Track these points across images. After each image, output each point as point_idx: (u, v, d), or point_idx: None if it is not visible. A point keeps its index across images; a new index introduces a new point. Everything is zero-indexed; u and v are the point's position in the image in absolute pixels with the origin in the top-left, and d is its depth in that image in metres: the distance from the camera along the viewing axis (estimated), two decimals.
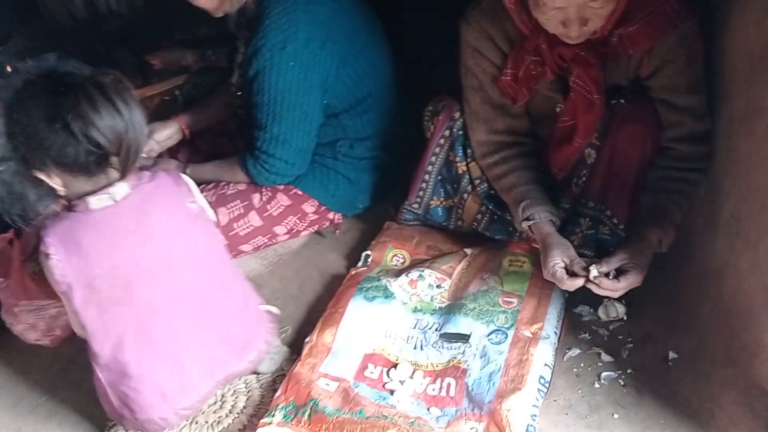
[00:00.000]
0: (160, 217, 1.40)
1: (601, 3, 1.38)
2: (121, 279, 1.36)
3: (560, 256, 1.53)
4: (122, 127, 1.28)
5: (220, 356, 1.47)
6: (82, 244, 1.34)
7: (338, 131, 1.90)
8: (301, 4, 1.71)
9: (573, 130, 1.63)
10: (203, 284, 1.46)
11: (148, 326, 1.39)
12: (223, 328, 1.47)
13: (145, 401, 1.40)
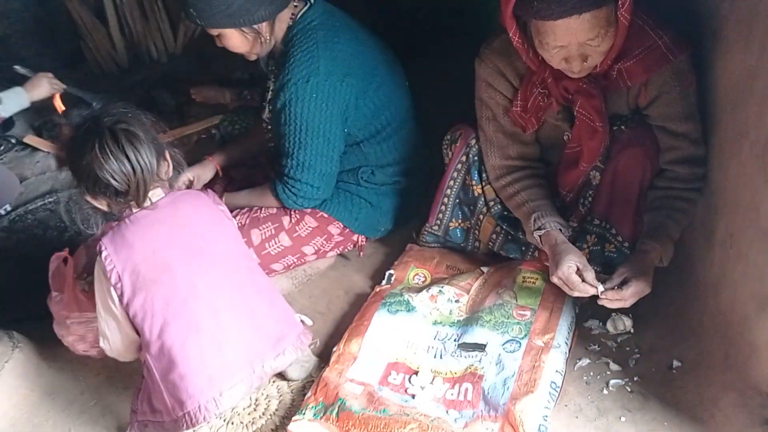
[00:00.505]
0: (189, 210, 1.63)
1: (599, 41, 1.53)
2: (160, 261, 1.55)
3: (573, 259, 1.66)
4: (129, 169, 1.51)
5: (255, 346, 1.60)
6: (127, 238, 1.56)
7: (360, 158, 2.06)
8: (323, 42, 1.89)
9: (579, 155, 1.77)
10: (235, 273, 1.64)
11: (189, 306, 1.55)
12: (257, 319, 1.62)
13: (191, 386, 1.52)
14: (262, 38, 1.90)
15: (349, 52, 1.92)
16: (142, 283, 1.54)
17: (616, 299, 1.62)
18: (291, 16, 1.93)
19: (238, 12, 1.82)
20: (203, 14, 1.83)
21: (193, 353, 1.53)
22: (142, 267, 1.55)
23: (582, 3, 1.47)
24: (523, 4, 1.52)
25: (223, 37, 1.90)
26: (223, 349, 1.56)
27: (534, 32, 1.58)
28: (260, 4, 1.83)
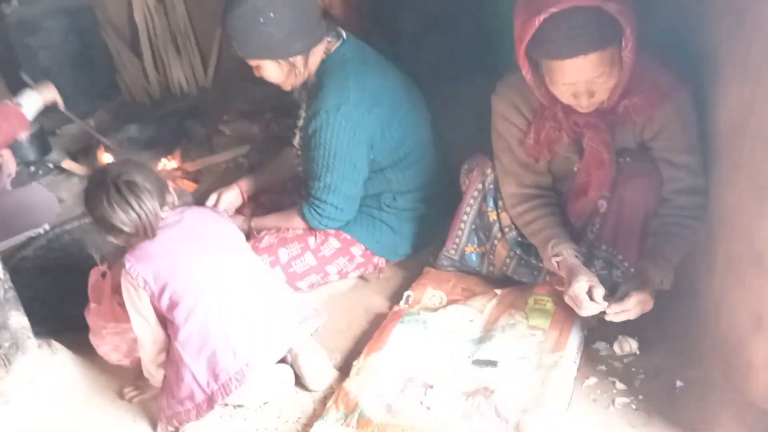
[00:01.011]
0: (195, 219, 1.89)
1: (605, 78, 1.67)
2: (176, 259, 1.80)
3: (585, 279, 1.77)
4: (135, 216, 1.75)
5: (277, 318, 1.83)
6: (145, 250, 1.81)
7: (384, 184, 2.20)
8: (354, 74, 2.05)
9: (588, 184, 1.90)
10: (244, 262, 1.90)
11: (209, 292, 1.78)
12: (274, 296, 1.88)
13: (222, 360, 1.74)
14: (297, 70, 2.07)
15: (377, 85, 2.08)
16: (165, 279, 1.78)
17: (621, 311, 1.73)
18: (325, 50, 2.10)
19: (275, 46, 1.99)
20: (244, 46, 2.00)
21: (218, 332, 1.75)
22: (162, 267, 1.79)
23: (588, 45, 1.60)
24: (535, 45, 1.66)
25: (261, 68, 2.07)
26: (244, 326, 1.77)
27: (545, 70, 1.72)
28: (296, 39, 2.00)
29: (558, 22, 1.60)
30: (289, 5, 1.97)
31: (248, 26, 1.96)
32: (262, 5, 1.94)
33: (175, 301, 1.78)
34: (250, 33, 1.97)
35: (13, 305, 1.89)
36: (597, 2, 1.58)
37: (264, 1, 1.94)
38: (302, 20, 2.01)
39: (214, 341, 1.77)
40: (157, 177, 1.85)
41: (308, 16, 2.03)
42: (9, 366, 1.89)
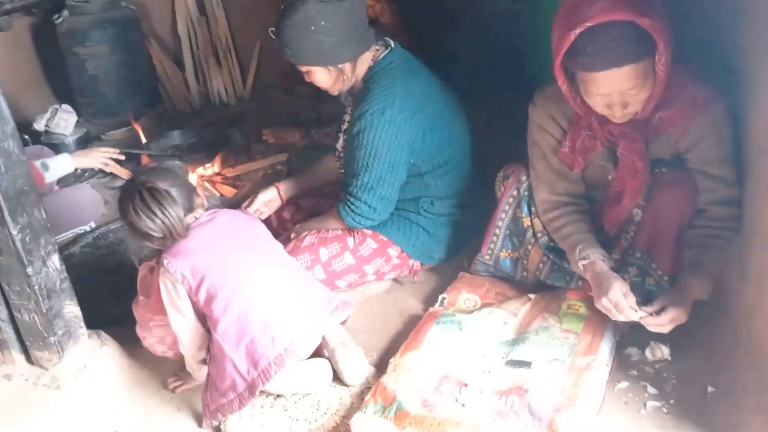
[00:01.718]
0: (227, 218, 1.99)
1: (638, 90, 1.72)
2: (212, 254, 1.89)
3: (619, 286, 1.82)
4: (159, 223, 1.85)
5: (309, 307, 1.93)
6: (181, 246, 1.90)
7: (422, 189, 2.27)
8: (400, 81, 2.15)
9: (622, 193, 1.95)
10: (276, 255, 2.03)
11: (244, 283, 1.88)
12: (306, 286, 1.99)
13: (261, 347, 1.82)
14: (345, 76, 2.17)
15: (421, 92, 2.17)
16: (202, 273, 1.86)
17: (655, 324, 1.77)
18: (373, 58, 2.20)
19: (326, 53, 2.09)
20: (296, 54, 2.11)
21: (255, 320, 1.84)
22: (199, 261, 1.88)
23: (622, 57, 1.66)
24: (571, 58, 1.72)
25: (311, 73, 2.17)
26: (280, 314, 1.88)
27: (580, 82, 1.78)
28: (345, 47, 2.10)
29: (593, 35, 1.66)
30: (339, 15, 2.06)
31: (300, 34, 2.06)
32: (313, 15, 2.04)
33: (212, 293, 1.86)
34: (303, 41, 2.07)
35: (67, 295, 1.98)
36: (632, 17, 1.64)
37: (316, 11, 2.04)
38: (351, 29, 2.10)
39: (252, 329, 1.84)
40: (183, 182, 1.95)
41: (357, 25, 2.13)
42: (62, 353, 1.99)
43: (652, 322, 1.79)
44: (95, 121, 3.76)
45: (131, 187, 1.89)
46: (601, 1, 1.67)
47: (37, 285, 1.87)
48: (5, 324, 1.96)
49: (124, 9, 3.76)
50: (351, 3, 2.08)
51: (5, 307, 1.94)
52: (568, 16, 1.72)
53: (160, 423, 1.96)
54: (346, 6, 2.07)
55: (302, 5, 2.05)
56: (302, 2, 2.05)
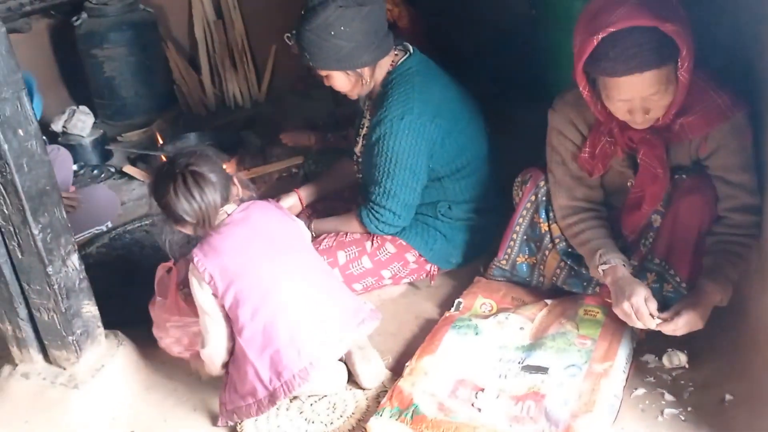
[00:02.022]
0: (260, 215, 1.93)
1: (659, 96, 1.72)
2: (243, 257, 1.85)
3: (643, 292, 1.81)
4: (196, 207, 1.81)
5: (337, 319, 1.88)
6: (213, 245, 1.86)
7: (440, 193, 2.27)
8: (418, 86, 2.15)
9: (642, 199, 1.94)
10: (307, 262, 1.96)
11: (274, 291, 1.83)
12: (334, 297, 1.93)
13: (285, 358, 1.80)
14: (364, 80, 2.18)
15: (439, 97, 2.17)
16: (231, 277, 1.83)
17: (670, 329, 1.78)
18: (392, 62, 2.20)
19: (345, 58, 2.11)
20: (315, 58, 2.12)
21: (283, 331, 1.81)
22: (230, 264, 1.84)
23: (643, 63, 1.66)
24: (592, 62, 1.72)
25: (330, 78, 2.18)
26: (308, 325, 1.83)
27: (601, 87, 1.78)
28: (364, 52, 2.11)
29: (615, 40, 1.66)
30: (358, 20, 2.07)
31: (320, 39, 2.08)
32: (333, 20, 2.05)
33: (240, 299, 1.82)
34: (322, 45, 2.08)
35: (86, 295, 1.99)
36: (655, 22, 1.64)
37: (335, 16, 2.05)
38: (371, 34, 2.11)
39: (278, 339, 1.81)
40: (221, 169, 1.91)
41: (377, 30, 2.13)
42: (80, 352, 2.00)
43: (668, 327, 1.79)
44: (112, 122, 3.79)
45: (171, 168, 1.83)
46: (623, 7, 1.67)
47: (57, 284, 1.89)
48: (24, 323, 1.98)
49: (142, 12, 3.78)
50: (370, 8, 2.09)
51: (25, 306, 1.96)
52: (591, 21, 1.72)
53: (177, 423, 1.96)
54: (366, 11, 2.08)
55: (322, 10, 2.06)
56: (322, 7, 2.06)
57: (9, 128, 1.70)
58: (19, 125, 1.72)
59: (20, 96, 1.72)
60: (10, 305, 1.94)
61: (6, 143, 1.70)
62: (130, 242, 2.79)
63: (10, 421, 1.97)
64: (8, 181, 1.74)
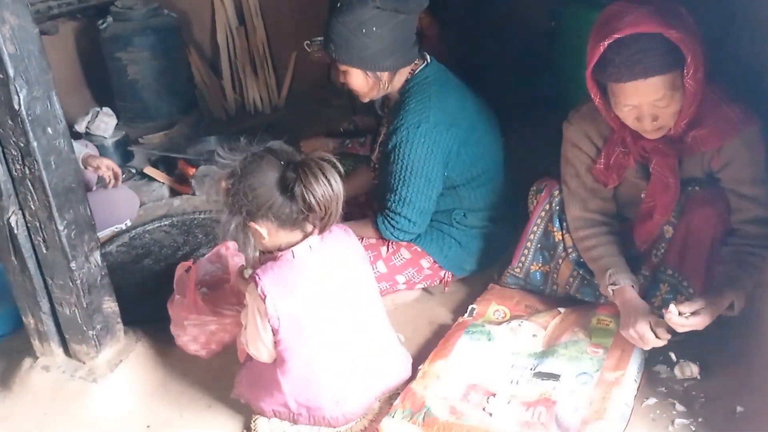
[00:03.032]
0: (341, 249, 1.81)
1: (666, 102, 1.75)
2: (315, 310, 1.74)
3: (647, 318, 1.84)
4: (331, 196, 1.65)
5: (376, 376, 1.86)
6: (289, 282, 1.71)
7: (455, 201, 2.30)
8: (435, 95, 2.18)
9: (653, 208, 1.96)
10: (368, 315, 1.87)
11: (331, 348, 1.78)
12: (380, 352, 1.88)
13: (323, 404, 1.79)
14: (381, 84, 2.21)
15: (456, 106, 2.20)
16: (297, 326, 1.71)
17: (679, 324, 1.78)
18: (410, 71, 2.23)
19: (369, 57, 2.14)
20: (340, 51, 2.16)
21: (328, 384, 1.78)
22: (301, 312, 1.71)
23: (648, 69, 1.70)
24: (600, 69, 1.77)
25: (349, 74, 2.21)
26: (352, 383, 1.82)
27: (610, 93, 1.82)
28: (388, 56, 2.15)
29: (620, 47, 1.70)
30: (391, 25, 2.11)
31: (350, 33, 2.11)
32: (367, 18, 2.09)
33: (296, 349, 1.74)
34: (350, 40, 2.12)
35: (107, 291, 2.04)
36: (659, 29, 1.68)
37: (370, 15, 2.09)
38: (399, 41, 2.15)
39: (318, 386, 1.78)
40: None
41: (406, 39, 2.17)
42: (99, 347, 2.04)
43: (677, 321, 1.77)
44: (134, 124, 3.85)
45: (298, 158, 1.68)
46: (631, 15, 1.71)
47: (79, 280, 1.94)
48: (46, 316, 2.03)
49: (166, 17, 3.85)
50: (405, 17, 2.13)
51: (47, 300, 2.01)
52: (600, 28, 1.77)
53: (192, 419, 1.99)
54: (401, 18, 2.12)
55: (360, 7, 2.09)
56: (360, 4, 2.09)
57: (38, 126, 1.75)
58: (48, 123, 1.78)
59: (50, 95, 1.77)
60: (34, 299, 1.99)
61: (35, 140, 1.75)
62: (149, 242, 2.84)
63: (30, 412, 2.02)
64: (36, 178, 1.80)
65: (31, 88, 1.71)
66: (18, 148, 1.76)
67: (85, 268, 1.95)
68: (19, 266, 1.94)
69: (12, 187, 1.84)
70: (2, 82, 1.67)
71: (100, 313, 2.02)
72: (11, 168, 1.81)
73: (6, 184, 1.83)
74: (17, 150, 1.77)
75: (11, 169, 1.81)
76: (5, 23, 1.63)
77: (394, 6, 2.10)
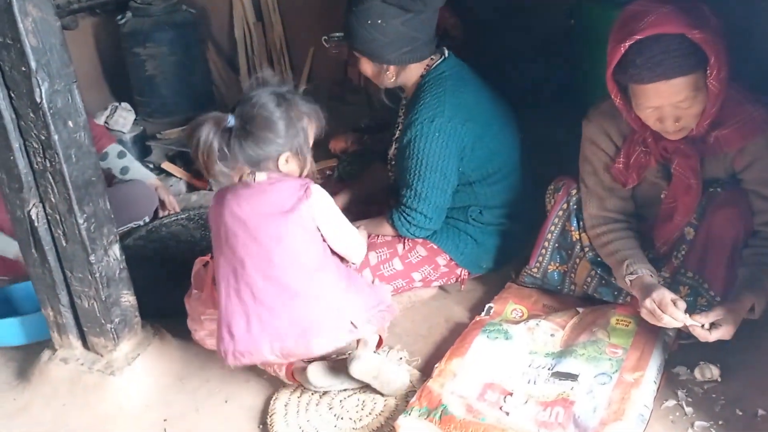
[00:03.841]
0: (275, 197, 1.83)
1: (688, 103, 1.72)
2: (229, 232, 1.83)
3: (667, 293, 1.81)
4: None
5: (282, 330, 1.83)
6: (224, 199, 1.84)
7: (471, 198, 2.28)
8: (451, 90, 2.18)
9: (674, 210, 1.94)
10: (284, 267, 1.83)
11: (236, 277, 1.84)
12: (295, 308, 1.83)
13: (220, 334, 1.85)
14: (387, 74, 2.24)
15: (472, 101, 2.19)
16: (218, 243, 1.87)
17: (702, 337, 1.77)
18: (426, 66, 2.23)
19: (372, 48, 2.18)
20: (351, 38, 2.21)
21: (226, 311, 1.86)
22: (220, 228, 1.85)
23: (670, 70, 1.67)
24: (621, 70, 1.74)
25: (359, 59, 2.25)
26: (249, 321, 1.83)
27: (631, 94, 1.79)
28: (392, 51, 2.17)
29: (642, 48, 1.68)
30: (398, 21, 2.12)
31: (357, 22, 2.15)
32: (374, 11, 2.11)
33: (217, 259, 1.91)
34: (358, 29, 2.16)
35: (125, 285, 2.05)
36: (681, 30, 1.65)
37: (376, 8, 2.11)
38: (406, 38, 2.15)
39: (222, 315, 1.88)
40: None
41: (414, 37, 2.16)
42: (117, 340, 2.05)
43: (700, 333, 1.78)
44: (151, 119, 3.87)
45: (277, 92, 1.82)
46: (652, 15, 1.69)
47: (98, 273, 1.94)
48: (65, 309, 2.04)
49: (185, 13, 3.86)
50: (414, 16, 2.12)
51: (66, 293, 2.02)
52: (621, 29, 1.74)
53: (209, 414, 2.00)
54: (408, 17, 2.12)
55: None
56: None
57: (60, 119, 1.76)
58: (69, 117, 1.78)
59: (71, 88, 1.78)
60: (53, 291, 2.00)
61: (56, 134, 1.76)
62: (166, 236, 2.84)
63: (48, 403, 2.04)
64: (57, 171, 1.80)
65: (53, 81, 1.72)
66: (39, 140, 1.77)
67: (104, 262, 1.95)
68: (39, 259, 1.95)
69: (33, 179, 1.85)
70: (24, 74, 1.68)
71: (118, 307, 2.03)
72: (32, 161, 1.82)
73: (27, 176, 1.83)
74: (38, 143, 1.77)
75: (32, 162, 1.82)
76: (28, 16, 1.64)
77: (397, 2, 2.10)
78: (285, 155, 1.82)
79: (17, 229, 1.93)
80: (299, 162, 1.86)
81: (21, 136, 1.78)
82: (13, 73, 1.69)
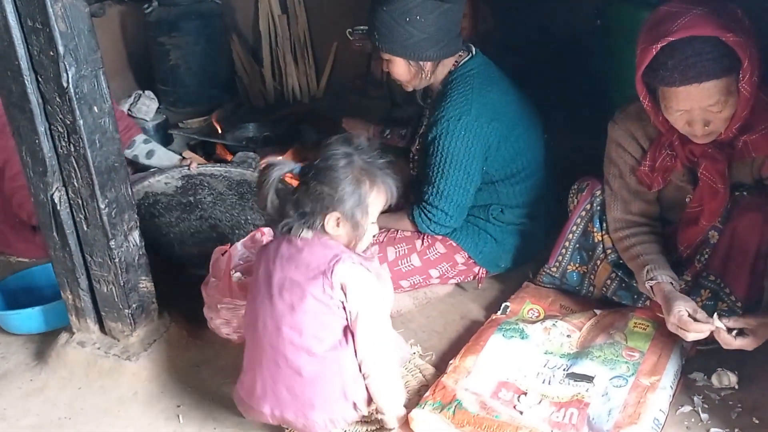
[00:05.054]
0: (289, 267, 1.69)
1: (719, 107, 1.69)
2: (259, 279, 1.76)
3: (684, 305, 1.79)
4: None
5: (282, 399, 1.73)
6: (268, 247, 1.78)
7: (493, 197, 2.27)
8: (478, 88, 2.16)
9: (700, 213, 1.91)
10: (289, 341, 1.69)
11: (254, 330, 1.76)
12: (295, 385, 1.71)
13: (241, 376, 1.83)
14: (423, 74, 2.20)
15: (498, 100, 2.18)
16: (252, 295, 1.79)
17: (726, 343, 1.75)
18: (454, 63, 2.22)
19: (412, 46, 2.14)
20: (384, 40, 2.16)
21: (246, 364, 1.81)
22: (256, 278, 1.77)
23: (702, 73, 1.64)
24: (651, 72, 1.72)
25: (392, 63, 2.21)
26: (254, 383, 1.77)
27: (660, 97, 1.76)
28: (432, 46, 2.14)
29: (674, 50, 1.65)
30: (436, 14, 2.10)
31: (394, 22, 2.11)
32: (412, 6, 2.08)
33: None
34: (394, 28, 2.12)
35: (144, 271, 2.07)
36: (715, 32, 1.63)
37: (415, 3, 2.08)
38: (443, 31, 2.13)
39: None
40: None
41: (450, 29, 2.15)
42: (134, 326, 2.07)
43: (724, 338, 1.76)
44: (174, 109, 3.89)
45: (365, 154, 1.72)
46: (685, 17, 1.66)
47: (118, 258, 1.96)
48: (84, 293, 2.06)
49: (210, 3, 3.88)
50: (450, 6, 2.11)
51: (86, 277, 2.04)
52: (652, 30, 1.72)
53: (222, 402, 2.00)
54: (446, 8, 2.10)
55: None
56: None
57: (85, 104, 1.78)
58: (94, 102, 1.80)
59: (98, 74, 1.79)
60: (73, 275, 2.02)
61: (81, 119, 1.77)
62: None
63: (65, 386, 2.06)
64: (80, 156, 1.82)
65: (80, 67, 1.73)
66: (64, 125, 1.79)
67: (124, 247, 1.97)
68: (60, 242, 1.97)
69: (57, 163, 1.87)
70: (52, 59, 1.70)
71: (136, 293, 2.05)
72: (57, 145, 1.83)
73: (51, 160, 1.85)
74: (63, 127, 1.79)
75: (57, 146, 1.84)
76: (58, 1, 1.65)
77: None
78: (335, 216, 1.67)
79: (39, 212, 1.95)
80: (350, 229, 1.69)
81: (47, 120, 1.80)
82: (42, 57, 1.71)
